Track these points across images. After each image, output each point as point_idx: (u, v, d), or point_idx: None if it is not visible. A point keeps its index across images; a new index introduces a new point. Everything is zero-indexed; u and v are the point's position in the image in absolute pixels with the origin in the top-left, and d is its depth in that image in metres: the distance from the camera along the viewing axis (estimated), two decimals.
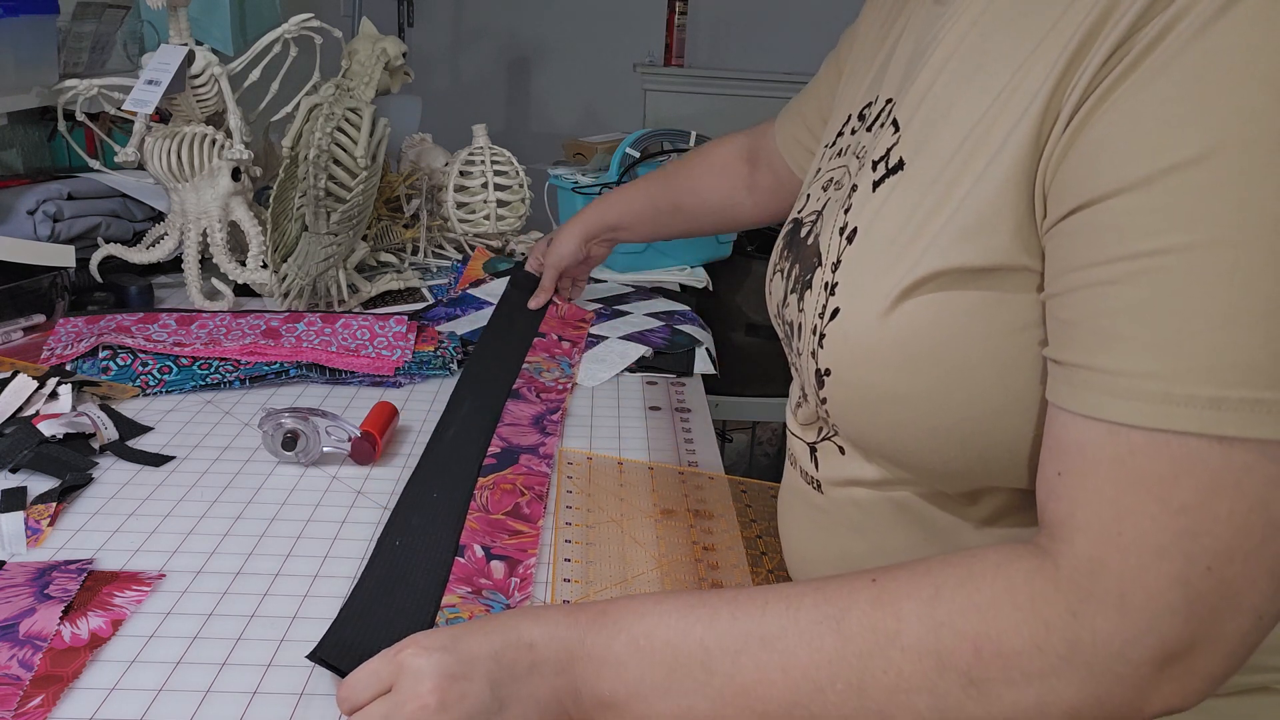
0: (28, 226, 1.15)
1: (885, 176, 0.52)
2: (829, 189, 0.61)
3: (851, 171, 0.57)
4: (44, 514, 0.70)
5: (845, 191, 0.56)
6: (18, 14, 1.25)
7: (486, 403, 0.91)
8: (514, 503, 0.74)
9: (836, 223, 0.55)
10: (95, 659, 0.56)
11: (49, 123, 1.37)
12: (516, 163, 1.36)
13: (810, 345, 0.55)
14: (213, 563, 0.66)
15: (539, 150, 2.13)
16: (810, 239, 0.59)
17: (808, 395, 0.58)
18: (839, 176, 0.60)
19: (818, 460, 0.61)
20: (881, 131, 0.55)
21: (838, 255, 0.53)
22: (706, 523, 0.73)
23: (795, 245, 0.61)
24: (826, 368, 0.53)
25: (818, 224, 0.59)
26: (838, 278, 0.53)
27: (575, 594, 0.64)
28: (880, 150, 0.54)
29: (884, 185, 0.52)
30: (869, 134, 0.58)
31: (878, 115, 0.57)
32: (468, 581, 0.64)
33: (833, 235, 0.55)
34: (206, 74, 1.11)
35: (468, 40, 3.39)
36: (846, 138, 0.62)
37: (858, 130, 0.61)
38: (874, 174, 0.53)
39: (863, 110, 0.62)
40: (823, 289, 0.54)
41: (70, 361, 0.94)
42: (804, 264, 0.58)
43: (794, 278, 0.59)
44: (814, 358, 0.54)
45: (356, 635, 0.57)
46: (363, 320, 1.05)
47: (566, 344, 1.04)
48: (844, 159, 0.60)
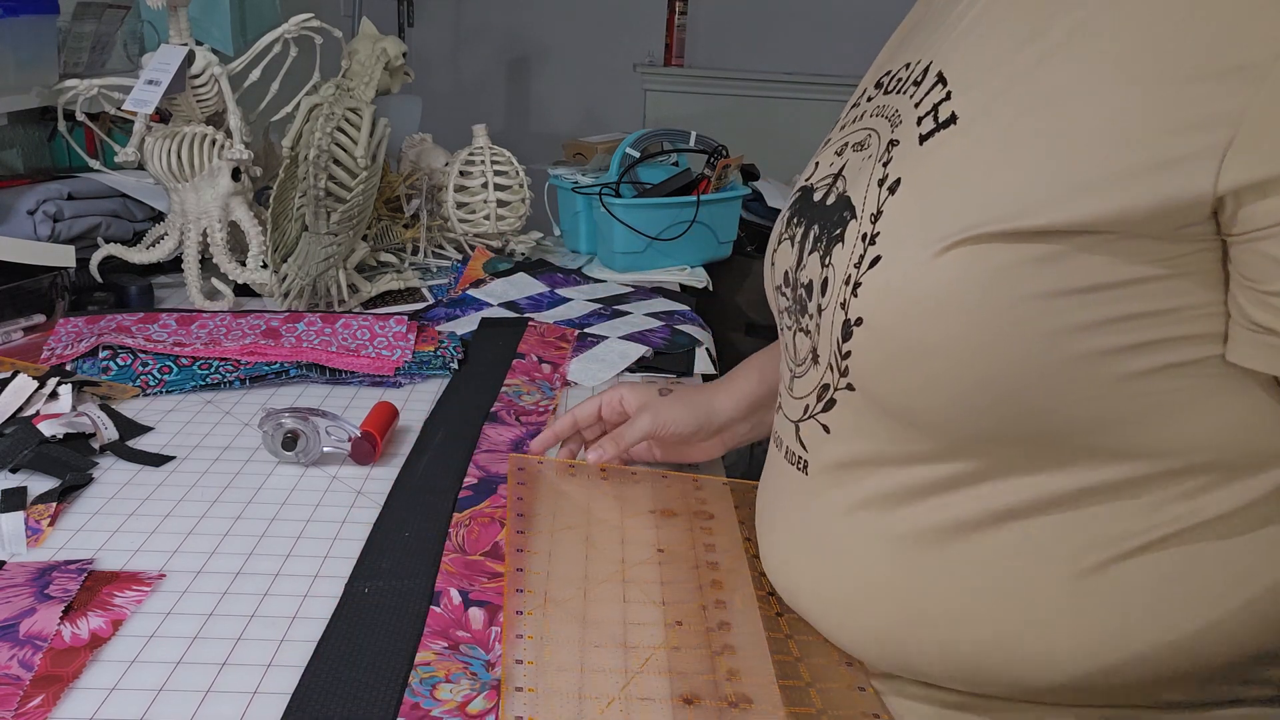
0: (28, 226, 1.15)
1: (935, 131, 0.50)
2: (846, 152, 0.59)
3: (881, 133, 0.55)
4: (44, 514, 0.70)
5: (879, 148, 0.55)
6: (18, 14, 1.25)
7: (461, 429, 0.87)
8: (493, 541, 0.69)
9: (873, 175, 0.53)
10: (95, 659, 0.56)
11: (49, 123, 1.37)
12: (516, 163, 1.36)
13: (840, 296, 0.53)
14: (213, 563, 0.66)
15: (539, 150, 2.13)
16: (831, 199, 0.57)
17: (819, 356, 0.56)
18: (861, 139, 0.58)
19: (803, 439, 0.59)
20: (920, 89, 0.54)
21: (878, 206, 0.52)
22: (707, 522, 0.73)
23: (809, 209, 0.59)
24: (859, 317, 0.51)
25: (838, 184, 0.57)
26: (879, 227, 0.51)
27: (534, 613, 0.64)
28: (926, 106, 0.52)
29: (934, 139, 0.50)
30: (900, 96, 0.56)
31: (913, 76, 0.55)
32: (444, 635, 0.59)
33: (869, 188, 0.53)
34: (206, 74, 1.11)
35: (468, 40, 3.39)
36: (863, 106, 0.61)
37: (875, 97, 0.59)
38: (919, 128, 0.52)
39: (881, 79, 0.60)
40: (859, 240, 0.52)
41: (70, 361, 0.94)
42: (826, 222, 0.56)
43: (813, 238, 0.57)
44: (843, 308, 0.52)
45: (321, 710, 0.52)
46: (363, 320, 1.05)
47: (547, 366, 1.01)
48: (866, 122, 0.58)
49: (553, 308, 1.20)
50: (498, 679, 0.55)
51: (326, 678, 0.55)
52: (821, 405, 0.57)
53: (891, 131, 0.54)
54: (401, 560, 0.66)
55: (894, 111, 0.55)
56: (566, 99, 3.39)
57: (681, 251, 1.38)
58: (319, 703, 0.53)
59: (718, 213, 1.40)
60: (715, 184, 1.40)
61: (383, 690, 0.54)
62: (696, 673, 0.57)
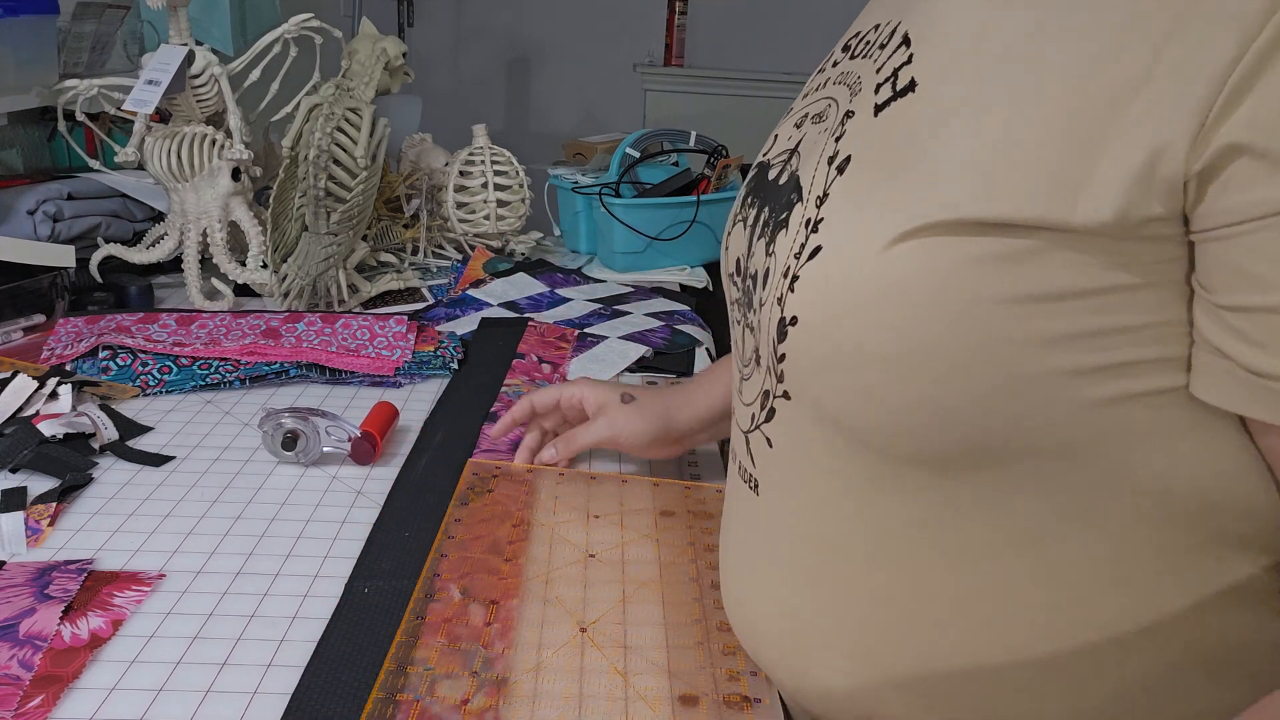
0: (28, 226, 1.15)
1: (891, 100, 0.44)
2: (805, 125, 0.52)
3: (840, 101, 0.49)
4: (44, 514, 0.70)
5: (834, 120, 0.49)
6: (18, 14, 1.25)
7: (461, 429, 0.87)
8: (493, 538, 0.69)
9: (824, 152, 0.47)
10: (95, 659, 0.56)
11: (49, 123, 1.37)
12: (516, 163, 1.36)
13: (778, 290, 0.46)
14: (213, 563, 0.66)
15: (539, 150, 2.13)
16: (784, 177, 0.51)
17: (761, 358, 0.50)
18: (820, 109, 0.51)
19: (753, 452, 0.53)
20: (884, 53, 0.47)
21: (824, 188, 0.45)
22: (706, 522, 0.73)
23: (763, 189, 0.53)
24: (793, 315, 0.45)
25: (792, 160, 0.51)
26: (823, 212, 0.45)
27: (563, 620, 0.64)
28: (887, 71, 0.46)
29: (889, 109, 0.44)
30: (865, 61, 0.49)
31: (879, 39, 0.49)
32: (443, 631, 0.59)
33: (818, 166, 0.47)
34: (206, 74, 1.11)
35: (468, 40, 3.39)
36: (828, 72, 0.54)
37: (841, 62, 0.53)
38: (875, 96, 0.45)
39: (848, 42, 0.54)
40: (802, 226, 0.46)
41: (70, 361, 0.94)
42: (775, 205, 0.50)
43: (762, 223, 0.51)
44: (779, 304, 0.46)
45: (321, 710, 0.52)
46: (363, 320, 1.05)
47: (547, 366, 1.01)
48: (826, 90, 0.52)
49: (553, 308, 1.20)
50: (497, 677, 0.55)
51: (326, 678, 0.55)
52: (764, 414, 0.51)
53: (850, 100, 0.48)
54: (402, 560, 0.66)
55: (855, 79, 0.49)
56: (566, 99, 3.39)
57: (681, 251, 1.38)
58: (319, 703, 0.53)
59: (718, 213, 1.40)
60: (715, 184, 1.40)
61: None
62: (697, 671, 0.57)
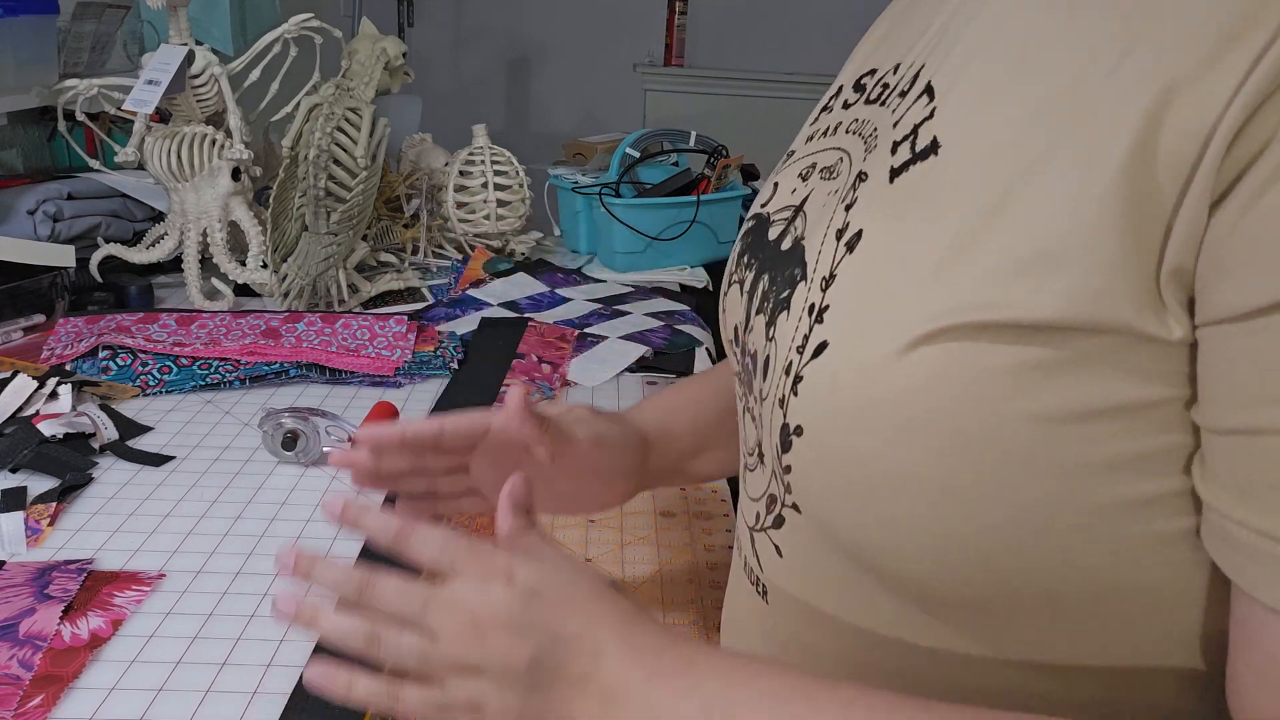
0: (28, 226, 1.15)
1: (911, 162, 0.37)
2: (810, 177, 0.46)
3: (852, 155, 0.43)
4: (44, 514, 0.70)
5: (845, 180, 0.42)
6: (18, 14, 1.26)
7: None
8: (492, 539, 0.67)
9: (833, 222, 0.40)
10: (95, 659, 0.56)
11: (49, 123, 1.37)
12: (516, 163, 1.36)
13: (779, 389, 0.40)
14: (212, 563, 0.66)
15: (539, 150, 2.13)
16: (787, 242, 0.44)
17: (765, 456, 0.43)
18: (830, 162, 0.45)
19: (759, 554, 0.46)
20: (904, 103, 0.40)
21: (831, 267, 0.39)
22: (705, 523, 0.73)
23: (761, 249, 0.46)
24: (798, 424, 0.38)
25: (797, 222, 0.44)
26: (830, 299, 0.38)
27: None
28: (905, 127, 0.39)
29: (908, 175, 0.37)
30: (881, 109, 0.42)
31: (900, 84, 0.42)
32: None
33: (825, 239, 0.40)
34: (206, 74, 1.11)
35: (468, 40, 3.39)
36: (836, 113, 0.47)
37: (854, 105, 0.46)
38: (893, 158, 0.38)
39: (861, 79, 0.47)
40: (805, 313, 0.39)
41: (70, 361, 0.94)
42: (777, 275, 0.43)
43: (761, 293, 0.44)
44: (782, 407, 0.39)
45: (321, 711, 0.52)
46: (363, 320, 1.05)
47: (547, 366, 1.01)
48: (837, 139, 0.45)
49: (553, 308, 1.20)
50: None
51: None
52: (771, 519, 0.44)
53: (864, 157, 0.41)
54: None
55: (871, 130, 0.42)
56: (566, 99, 3.39)
57: (681, 251, 1.38)
58: (318, 703, 0.53)
59: (718, 213, 1.40)
60: (715, 184, 1.40)
61: None
62: None
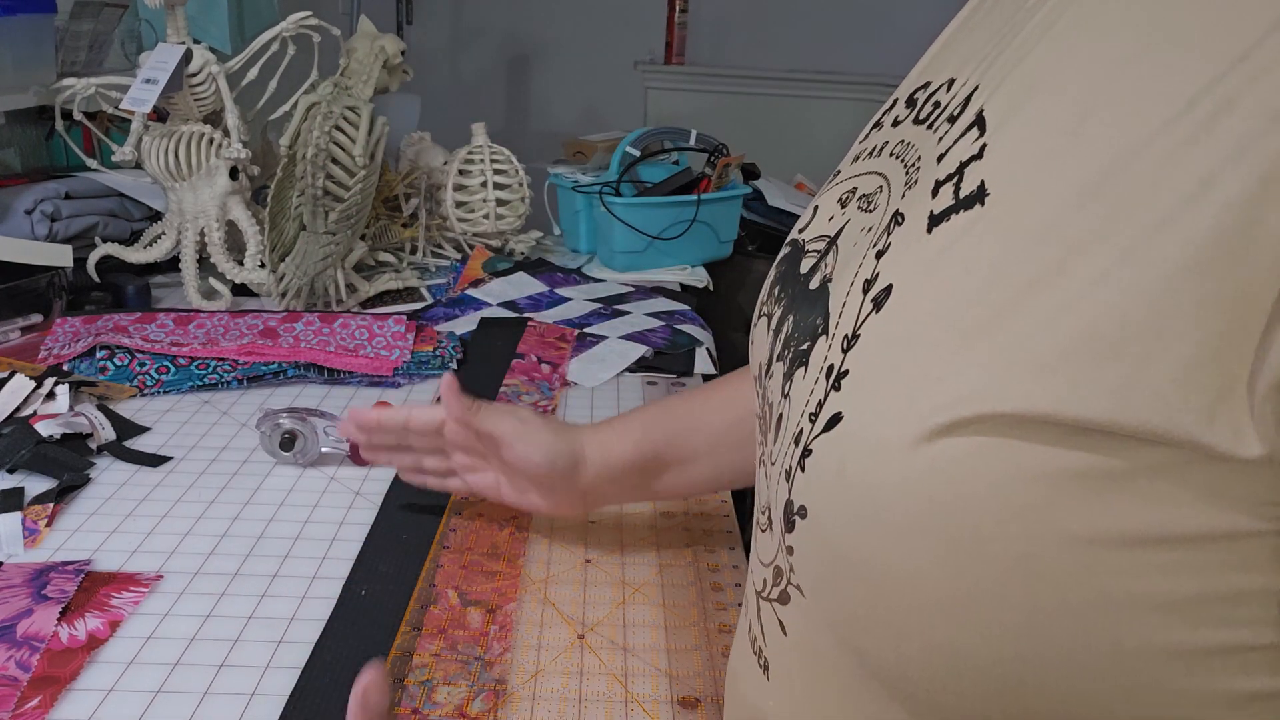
0: (25, 226, 1.15)
1: (952, 211, 0.31)
2: (849, 204, 0.40)
3: (891, 184, 0.37)
4: (41, 514, 0.69)
5: (880, 217, 0.36)
6: (15, 13, 1.25)
7: None
8: (491, 541, 0.69)
9: (861, 270, 0.35)
10: (93, 660, 0.56)
11: (46, 122, 1.37)
12: (516, 161, 1.36)
13: (787, 459, 0.34)
14: (210, 564, 0.66)
15: (539, 149, 2.12)
16: (815, 281, 0.39)
17: (772, 523, 0.38)
18: (868, 188, 0.39)
19: (764, 624, 0.40)
20: (951, 131, 0.34)
21: (855, 326, 0.33)
22: (706, 524, 0.73)
23: (793, 282, 0.41)
24: (802, 505, 0.33)
25: (829, 258, 0.39)
26: (850, 362, 0.32)
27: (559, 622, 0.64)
28: (950, 164, 0.33)
29: (947, 225, 0.31)
30: (928, 132, 0.36)
31: (951, 107, 0.36)
32: (441, 635, 0.58)
33: (851, 289, 0.34)
34: (204, 73, 1.11)
35: (467, 38, 3.38)
36: (885, 131, 0.41)
37: (903, 121, 0.40)
38: (933, 201, 0.32)
39: (914, 93, 0.41)
40: (823, 374, 0.34)
41: (68, 361, 0.94)
42: (801, 320, 0.38)
43: (785, 337, 0.39)
44: (788, 481, 0.34)
45: (319, 712, 0.52)
46: (361, 320, 1.05)
47: (546, 367, 1.01)
48: (880, 161, 0.40)
49: (552, 307, 1.20)
50: (496, 679, 0.55)
51: (324, 680, 0.55)
52: (777, 592, 0.39)
53: (903, 192, 0.35)
54: (399, 563, 0.66)
55: (914, 156, 0.36)
56: (566, 97, 3.38)
57: (682, 251, 1.38)
58: (316, 704, 0.53)
59: (718, 212, 1.40)
60: (716, 183, 1.40)
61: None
62: (696, 675, 0.56)
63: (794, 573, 0.36)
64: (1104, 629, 0.27)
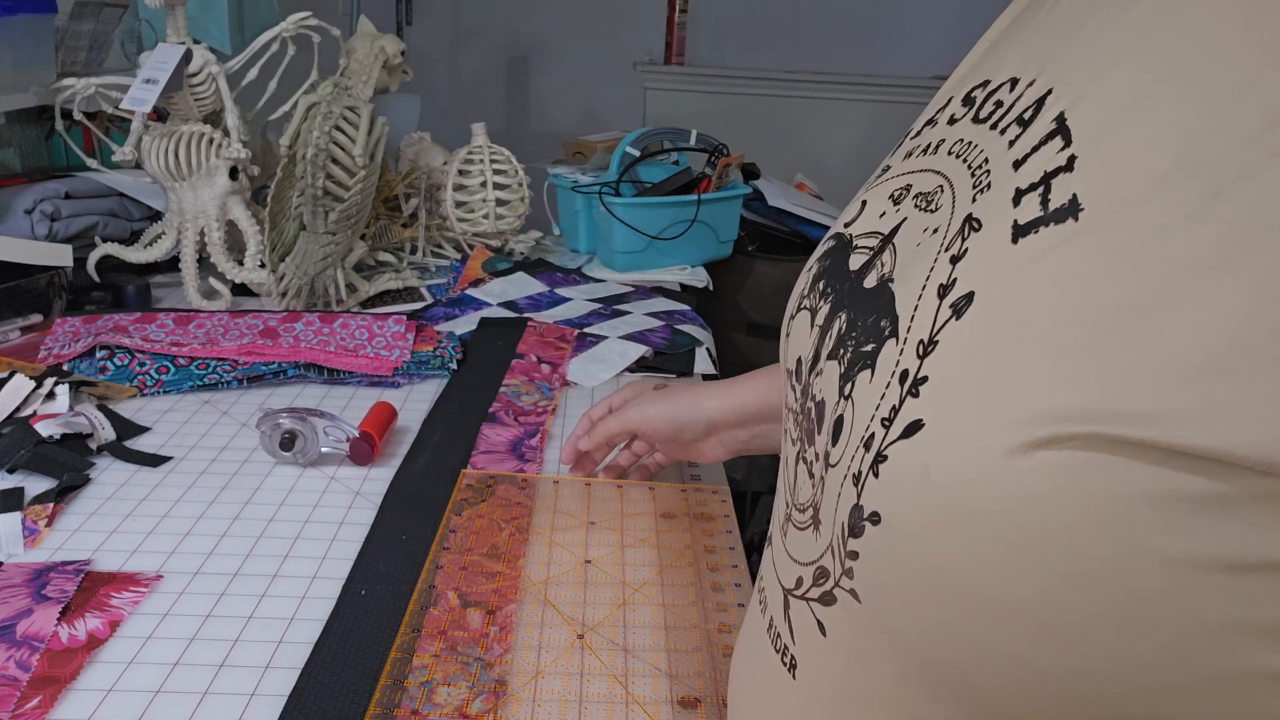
0: (25, 226, 1.14)
1: (1040, 223, 0.30)
2: (904, 201, 0.39)
3: (955, 185, 0.36)
4: (41, 514, 0.69)
5: (947, 220, 0.35)
6: (15, 13, 1.25)
7: (460, 429, 0.86)
8: (491, 541, 0.69)
9: (934, 274, 0.33)
10: (93, 660, 0.56)
11: (46, 122, 1.37)
12: (516, 161, 1.36)
13: (855, 463, 0.34)
14: (210, 564, 0.66)
15: (538, 149, 2.13)
16: (872, 279, 0.38)
17: (821, 523, 0.37)
18: (926, 186, 0.38)
19: (793, 623, 0.40)
20: (1026, 136, 0.33)
21: (932, 331, 0.32)
22: (706, 524, 0.73)
23: (841, 278, 0.40)
24: (874, 511, 0.32)
25: (885, 256, 0.38)
26: (928, 369, 0.32)
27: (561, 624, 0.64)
28: (1033, 172, 0.31)
29: (1035, 237, 0.30)
30: (994, 133, 0.35)
31: (1019, 107, 0.35)
32: (441, 636, 0.58)
33: (924, 292, 0.33)
34: (204, 73, 1.11)
35: (467, 38, 3.38)
36: (940, 129, 0.40)
37: (960, 119, 0.39)
38: (1016, 210, 0.31)
39: (971, 92, 0.39)
40: (895, 380, 0.33)
41: (67, 361, 0.94)
42: (858, 319, 0.37)
43: (837, 335, 0.38)
44: (856, 485, 0.33)
45: (319, 712, 0.52)
46: (361, 320, 1.05)
47: (546, 367, 1.01)
48: (938, 160, 0.39)
49: (552, 307, 1.20)
50: (496, 679, 0.55)
51: (324, 680, 0.55)
52: (819, 594, 0.38)
53: (972, 196, 0.34)
54: (399, 563, 0.66)
55: (980, 158, 0.35)
56: (566, 97, 3.38)
57: (682, 251, 1.38)
58: (316, 705, 0.53)
59: (718, 212, 1.40)
60: (716, 183, 1.40)
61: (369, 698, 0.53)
62: (697, 675, 0.56)
63: (851, 578, 0.35)
64: (1197, 652, 0.27)
